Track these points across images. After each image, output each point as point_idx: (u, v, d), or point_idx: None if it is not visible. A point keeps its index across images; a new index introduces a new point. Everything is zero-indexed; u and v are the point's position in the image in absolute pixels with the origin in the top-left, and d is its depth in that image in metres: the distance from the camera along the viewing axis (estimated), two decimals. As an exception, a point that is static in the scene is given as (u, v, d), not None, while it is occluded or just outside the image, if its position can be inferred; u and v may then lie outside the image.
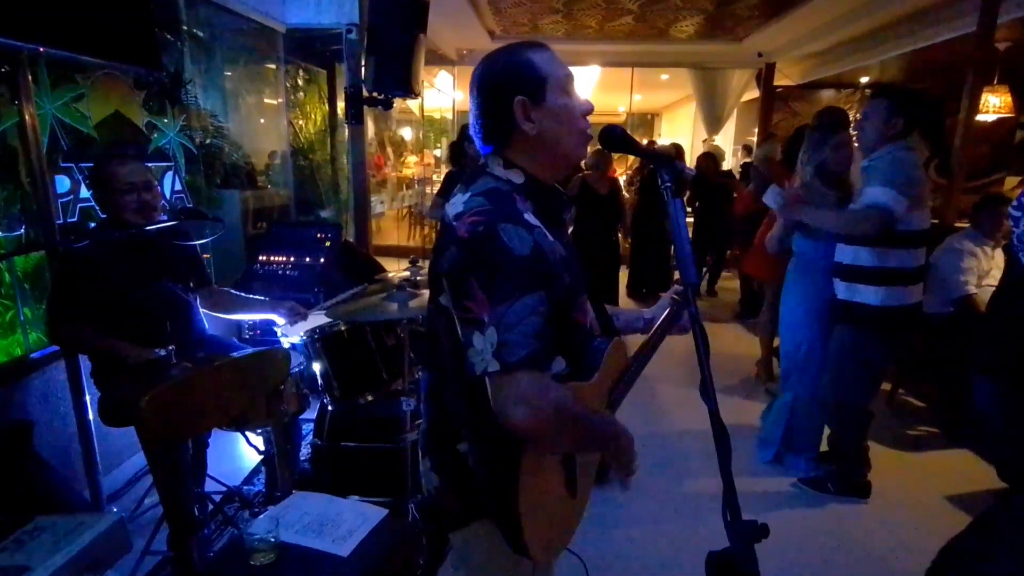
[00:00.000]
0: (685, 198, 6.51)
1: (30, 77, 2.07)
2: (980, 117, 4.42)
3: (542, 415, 0.91)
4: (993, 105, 4.90)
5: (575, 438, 1.02)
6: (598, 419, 1.05)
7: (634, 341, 1.28)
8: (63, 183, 2.51)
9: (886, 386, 3.77)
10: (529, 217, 0.98)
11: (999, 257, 3.30)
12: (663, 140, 13.15)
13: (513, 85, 1.00)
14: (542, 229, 0.99)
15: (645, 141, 10.77)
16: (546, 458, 1.05)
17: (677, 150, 6.21)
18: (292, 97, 4.81)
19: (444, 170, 9.93)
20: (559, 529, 1.11)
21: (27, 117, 2.04)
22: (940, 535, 1.40)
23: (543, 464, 1.04)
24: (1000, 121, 5.37)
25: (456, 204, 1.00)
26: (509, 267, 0.91)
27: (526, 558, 1.03)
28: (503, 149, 1.04)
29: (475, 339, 0.92)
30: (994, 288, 3.22)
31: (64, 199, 2.52)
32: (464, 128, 3.81)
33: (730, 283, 6.32)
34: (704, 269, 6.07)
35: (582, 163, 4.51)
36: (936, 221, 4.41)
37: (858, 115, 8.38)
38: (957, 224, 3.78)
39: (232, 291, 2.45)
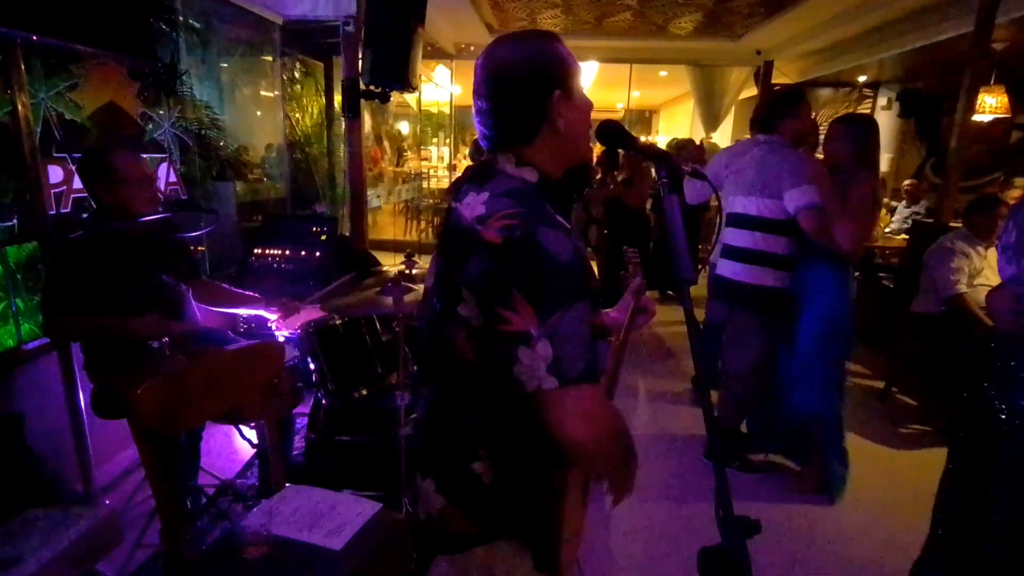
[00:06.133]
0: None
1: (23, 66, 2.05)
2: (976, 117, 4.42)
3: (603, 430, 0.88)
4: (990, 105, 4.91)
5: (621, 448, 0.98)
6: (628, 434, 1.01)
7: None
8: (56, 173, 2.49)
9: (879, 384, 3.79)
10: (560, 219, 0.93)
11: (992, 257, 3.31)
12: (661, 138, 13.15)
13: (550, 78, 0.95)
14: (571, 230, 0.94)
15: (643, 138, 10.75)
16: (575, 472, 1.01)
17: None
18: (288, 89, 4.78)
19: (442, 165, 9.92)
20: (576, 539, 1.08)
21: (20, 106, 2.03)
22: (931, 532, 1.41)
23: (572, 478, 1.01)
24: (996, 121, 5.38)
25: (474, 205, 0.92)
26: (556, 275, 0.85)
27: (553, 571, 0.99)
28: (522, 146, 0.98)
29: (522, 354, 0.85)
30: (987, 288, 3.24)
31: (57, 190, 2.50)
32: None
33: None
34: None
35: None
36: (931, 220, 4.45)
37: (855, 112, 8.42)
38: (952, 224, 3.79)
39: (225, 285, 2.44)
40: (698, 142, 8.31)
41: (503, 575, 1.00)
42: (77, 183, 2.55)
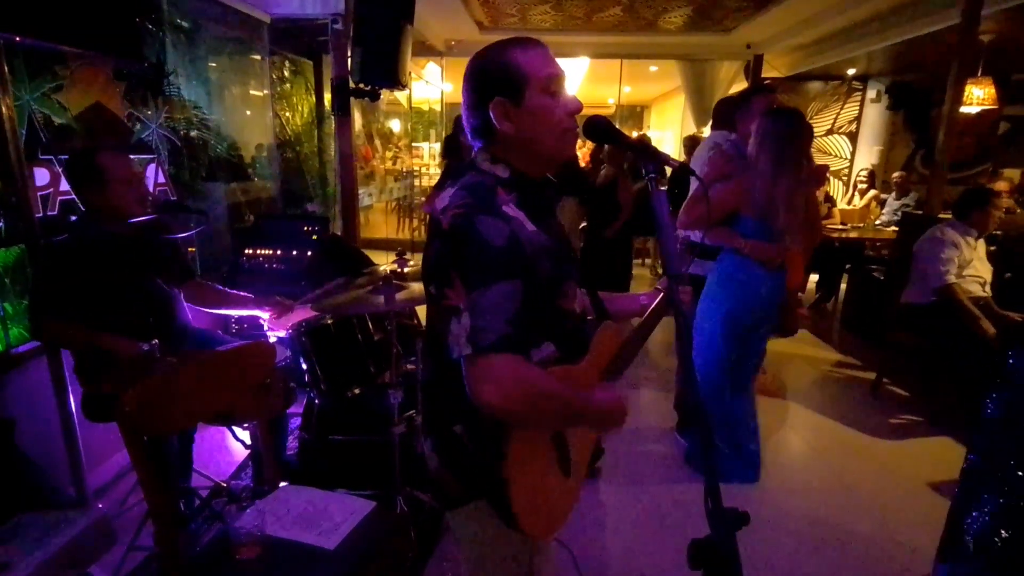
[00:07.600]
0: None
1: (6, 67, 2.02)
2: (964, 109, 4.45)
3: (512, 394, 0.94)
4: (977, 97, 4.94)
5: (551, 415, 1.05)
6: (577, 396, 1.06)
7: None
8: (42, 175, 2.47)
9: (870, 375, 3.82)
10: (508, 209, 1.01)
11: (981, 248, 3.34)
12: (653, 132, 13.14)
13: (493, 86, 1.03)
14: (521, 220, 1.02)
15: (635, 134, 10.75)
16: (535, 437, 1.08)
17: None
18: (278, 88, 4.75)
19: (434, 163, 9.89)
20: (554, 507, 1.13)
21: (4, 108, 2.01)
22: (924, 522, 1.42)
23: (532, 442, 1.07)
24: (984, 113, 5.42)
25: (443, 198, 1.03)
26: (484, 256, 0.95)
27: (521, 534, 1.06)
28: (489, 145, 1.08)
29: (452, 325, 0.96)
30: (975, 279, 3.28)
31: (43, 192, 2.48)
32: (457, 120, 3.77)
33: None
34: None
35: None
36: (920, 212, 4.48)
37: (845, 106, 8.42)
38: (941, 215, 3.82)
39: (217, 287, 2.42)
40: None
41: (481, 531, 1.12)
42: (64, 185, 2.53)
